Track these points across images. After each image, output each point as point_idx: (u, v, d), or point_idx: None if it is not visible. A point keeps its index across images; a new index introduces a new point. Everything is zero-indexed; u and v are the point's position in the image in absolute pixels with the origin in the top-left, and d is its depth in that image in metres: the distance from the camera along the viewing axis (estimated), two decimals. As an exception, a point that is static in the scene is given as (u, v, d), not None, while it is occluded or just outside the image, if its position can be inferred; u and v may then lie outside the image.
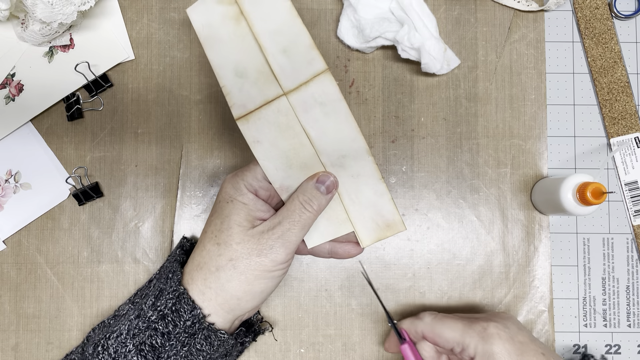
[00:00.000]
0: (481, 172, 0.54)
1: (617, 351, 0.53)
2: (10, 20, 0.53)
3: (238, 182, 0.42)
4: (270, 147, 0.41)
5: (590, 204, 0.46)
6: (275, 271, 0.41)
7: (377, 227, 0.43)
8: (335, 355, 0.53)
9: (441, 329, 0.44)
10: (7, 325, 0.53)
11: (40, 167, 0.54)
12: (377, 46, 0.53)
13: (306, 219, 0.41)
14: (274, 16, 0.39)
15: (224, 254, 0.41)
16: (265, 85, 0.40)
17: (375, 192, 0.42)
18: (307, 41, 0.39)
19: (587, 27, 0.55)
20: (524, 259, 0.54)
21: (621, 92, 0.55)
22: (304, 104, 0.40)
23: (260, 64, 0.40)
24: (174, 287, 0.41)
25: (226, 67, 0.40)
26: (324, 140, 0.41)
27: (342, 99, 0.39)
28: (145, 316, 0.41)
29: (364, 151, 0.41)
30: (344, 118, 0.40)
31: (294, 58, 0.39)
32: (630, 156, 0.55)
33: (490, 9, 0.55)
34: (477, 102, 0.55)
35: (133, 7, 0.55)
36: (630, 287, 0.54)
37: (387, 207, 0.42)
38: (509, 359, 0.41)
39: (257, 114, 0.40)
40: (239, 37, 0.40)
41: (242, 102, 0.40)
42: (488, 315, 0.45)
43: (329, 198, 0.42)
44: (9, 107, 0.53)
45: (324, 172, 0.42)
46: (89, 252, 0.54)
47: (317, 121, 0.40)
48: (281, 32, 0.39)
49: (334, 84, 0.39)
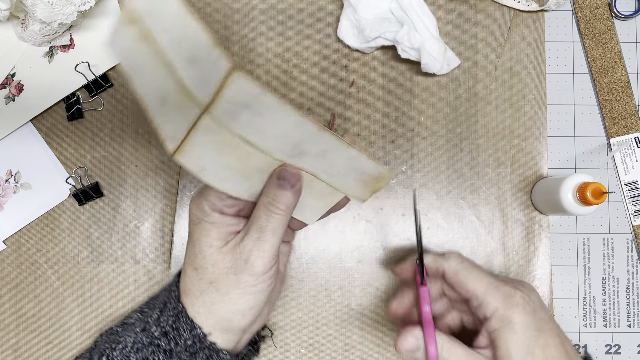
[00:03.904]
0: (481, 172, 0.54)
1: (617, 351, 0.53)
2: (10, 20, 0.53)
3: (202, 202, 0.39)
4: (218, 169, 0.37)
5: (590, 204, 0.46)
6: (259, 284, 0.38)
7: (366, 184, 0.40)
8: (335, 355, 0.53)
9: (466, 278, 0.41)
10: (7, 325, 0.53)
11: (40, 167, 0.54)
12: (377, 46, 0.53)
13: (275, 221, 0.38)
14: (171, 23, 0.34)
15: (203, 278, 0.39)
16: (185, 106, 0.35)
17: (349, 158, 0.38)
18: (206, 40, 0.33)
19: (587, 27, 0.55)
20: (524, 259, 0.54)
21: (621, 92, 0.55)
22: (227, 113, 0.35)
23: (174, 84, 0.35)
24: (174, 305, 0.40)
25: (150, 97, 0.36)
26: (268, 139, 0.37)
27: (264, 92, 0.34)
28: (149, 331, 0.40)
29: (315, 130, 0.36)
30: (276, 109, 0.35)
31: (201, 65, 0.34)
32: (630, 156, 0.55)
33: (490, 9, 0.55)
34: (477, 102, 0.55)
35: (133, 7, 0.55)
36: (630, 287, 0.54)
37: (367, 165, 0.39)
38: (527, 332, 0.39)
39: (188, 141, 0.36)
40: (153, 59, 0.35)
41: (171, 133, 0.36)
42: (515, 282, 0.42)
43: (296, 191, 0.38)
44: (9, 107, 0.53)
45: (281, 166, 0.38)
46: (89, 252, 0.54)
47: (250, 124, 0.36)
48: (183, 39, 0.34)
49: (248, 80, 0.33)
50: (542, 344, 0.39)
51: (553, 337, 0.40)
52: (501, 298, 0.40)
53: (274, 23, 0.55)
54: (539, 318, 0.40)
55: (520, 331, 0.39)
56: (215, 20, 0.55)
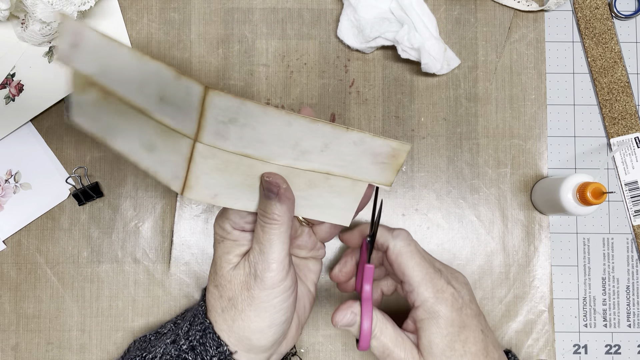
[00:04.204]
0: (481, 172, 0.54)
1: (617, 351, 0.53)
2: (10, 20, 0.53)
3: (223, 221, 0.40)
4: (228, 190, 0.37)
5: (590, 204, 0.46)
6: (273, 299, 0.38)
7: (385, 165, 0.38)
8: (335, 355, 0.53)
9: (406, 263, 0.42)
10: (7, 325, 0.53)
11: (40, 167, 0.54)
12: (377, 46, 0.53)
13: (271, 232, 0.37)
14: (128, 71, 0.34)
15: (223, 295, 0.39)
16: (175, 143, 0.35)
17: (354, 143, 0.37)
18: (169, 73, 0.33)
19: (587, 27, 0.55)
20: (524, 259, 0.54)
21: (621, 92, 0.55)
22: (217, 134, 0.35)
23: (155, 126, 0.35)
24: (201, 319, 0.41)
25: (136, 150, 0.36)
26: (265, 148, 0.36)
27: (243, 101, 0.34)
28: (178, 343, 0.40)
29: (308, 125, 0.36)
30: (261, 115, 0.35)
31: (173, 99, 0.34)
32: (631, 156, 0.55)
33: (490, 9, 0.55)
34: (477, 102, 0.55)
35: (133, 7, 0.55)
36: (630, 287, 0.54)
37: (377, 144, 0.37)
38: (450, 328, 0.40)
39: (191, 175, 0.36)
40: (122, 113, 0.36)
41: (172, 174, 0.36)
42: (448, 276, 0.43)
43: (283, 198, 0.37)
44: (9, 107, 0.53)
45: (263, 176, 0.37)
46: (89, 252, 0.54)
47: (242, 138, 0.35)
48: (146, 82, 0.34)
49: (224, 95, 0.33)
50: (464, 339, 0.40)
51: (476, 332, 0.41)
52: (432, 291, 0.41)
53: (274, 23, 0.55)
54: (465, 314, 0.41)
55: (444, 326, 0.40)
56: (215, 20, 0.55)
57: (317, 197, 0.39)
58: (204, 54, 0.55)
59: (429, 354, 0.40)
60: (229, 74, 0.55)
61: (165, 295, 0.53)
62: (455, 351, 0.40)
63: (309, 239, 0.44)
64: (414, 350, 0.41)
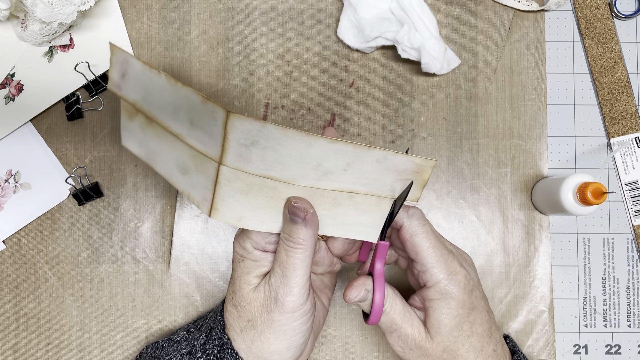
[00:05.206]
0: (481, 172, 0.54)
1: (617, 351, 0.53)
2: (10, 20, 0.53)
3: (244, 241, 0.40)
4: (253, 213, 0.38)
5: (590, 204, 0.46)
6: (293, 322, 0.38)
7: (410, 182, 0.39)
8: (335, 355, 0.53)
9: (420, 245, 0.41)
10: (7, 325, 0.53)
11: (40, 167, 0.54)
12: (377, 46, 0.53)
13: (295, 257, 0.37)
14: (164, 98, 0.36)
15: (242, 316, 0.40)
16: (204, 167, 0.37)
17: (377, 161, 0.37)
18: (197, 98, 0.35)
19: (588, 27, 0.55)
20: (524, 259, 0.54)
21: (621, 92, 0.55)
22: (240, 157, 0.36)
23: (188, 150, 0.37)
24: (219, 335, 0.40)
25: (173, 173, 0.38)
26: (287, 169, 0.37)
27: (264, 124, 0.34)
28: (195, 355, 0.40)
29: (329, 146, 0.36)
30: (282, 137, 0.35)
31: (201, 123, 0.36)
32: (631, 156, 0.55)
33: (490, 8, 0.55)
34: (477, 102, 0.55)
35: (133, 7, 0.55)
36: (630, 287, 0.54)
37: (400, 161, 0.38)
38: (460, 309, 0.40)
39: (216, 198, 0.37)
40: (162, 138, 0.38)
41: (202, 196, 0.38)
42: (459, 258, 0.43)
43: (309, 223, 0.37)
44: (8, 107, 0.53)
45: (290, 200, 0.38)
46: (89, 252, 0.54)
47: (264, 160, 0.36)
48: (178, 108, 0.36)
49: (245, 119, 0.34)
50: (472, 320, 0.41)
51: (482, 313, 0.42)
52: (446, 273, 0.41)
53: (274, 23, 0.55)
54: (474, 296, 0.42)
55: (454, 307, 0.40)
56: (215, 20, 0.55)
57: (342, 216, 0.39)
58: (204, 54, 0.55)
59: (436, 333, 0.40)
60: (229, 74, 0.55)
61: (165, 295, 0.53)
62: (462, 331, 0.40)
63: (326, 254, 0.43)
64: (421, 327, 0.41)
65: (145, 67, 0.37)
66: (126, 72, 0.38)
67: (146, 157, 0.40)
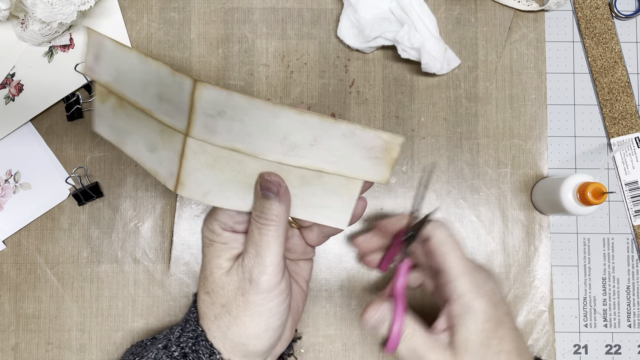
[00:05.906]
0: (481, 172, 0.54)
1: (617, 351, 0.53)
2: (10, 20, 0.53)
3: (212, 223, 0.39)
4: (220, 188, 0.37)
5: (590, 204, 0.46)
6: (269, 303, 0.37)
7: (378, 160, 0.37)
8: (335, 355, 0.53)
9: (448, 254, 0.40)
10: (7, 325, 0.53)
11: (40, 167, 0.54)
12: (377, 46, 0.53)
13: (268, 234, 0.36)
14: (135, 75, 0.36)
15: (216, 302, 0.38)
16: (171, 141, 0.36)
17: (344, 136, 0.36)
18: (167, 70, 0.34)
19: (588, 27, 0.55)
20: (524, 259, 0.54)
21: (621, 92, 0.55)
22: (206, 128, 0.35)
23: (156, 126, 0.36)
24: (193, 326, 0.39)
25: (142, 152, 0.38)
26: (253, 141, 0.36)
27: (230, 93, 0.34)
28: (170, 349, 0.39)
29: (296, 117, 0.35)
30: (248, 107, 0.34)
31: (170, 96, 0.35)
32: (631, 156, 0.55)
33: (490, 8, 0.55)
34: (477, 102, 0.55)
35: (133, 7, 0.55)
36: (630, 287, 0.54)
37: (367, 136, 0.36)
38: (488, 323, 0.39)
39: (182, 172, 0.36)
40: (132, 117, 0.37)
41: (168, 171, 0.37)
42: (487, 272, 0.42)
43: (282, 199, 0.36)
44: (8, 107, 0.53)
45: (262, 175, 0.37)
46: (89, 252, 0.54)
47: (230, 131, 0.35)
48: (148, 83, 0.36)
49: (211, 88, 0.34)
50: (500, 336, 0.39)
51: (510, 330, 0.40)
52: (471, 285, 0.40)
53: (274, 23, 0.55)
54: (501, 311, 0.40)
55: (481, 322, 0.39)
56: (215, 20, 0.55)
57: (310, 196, 0.38)
58: (204, 54, 0.55)
59: (464, 352, 0.39)
60: (229, 74, 0.55)
61: (165, 296, 0.53)
62: (490, 348, 0.39)
63: (299, 241, 0.42)
64: (446, 353, 0.39)
65: (118, 45, 0.36)
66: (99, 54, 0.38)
67: (116, 140, 0.39)
